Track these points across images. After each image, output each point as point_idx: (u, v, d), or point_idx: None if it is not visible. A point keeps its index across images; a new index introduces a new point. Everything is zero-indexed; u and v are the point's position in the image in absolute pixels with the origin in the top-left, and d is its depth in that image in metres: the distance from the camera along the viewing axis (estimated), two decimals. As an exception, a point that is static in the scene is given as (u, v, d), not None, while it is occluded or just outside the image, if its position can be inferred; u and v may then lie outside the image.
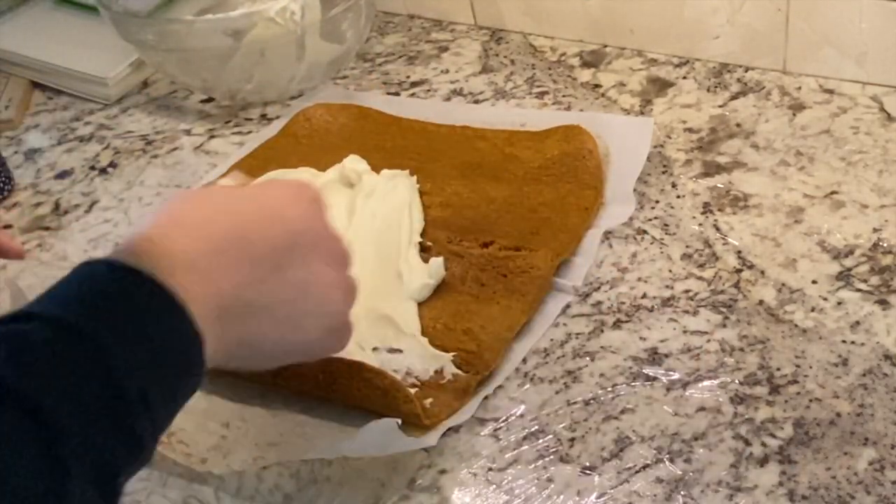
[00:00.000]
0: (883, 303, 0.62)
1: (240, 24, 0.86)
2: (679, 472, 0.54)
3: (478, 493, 0.55)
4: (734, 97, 0.83)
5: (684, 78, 0.86)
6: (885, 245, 0.66)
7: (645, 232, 0.70)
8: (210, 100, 0.95)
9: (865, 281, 0.64)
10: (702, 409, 0.57)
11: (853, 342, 0.60)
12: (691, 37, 0.87)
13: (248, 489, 0.57)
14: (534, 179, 0.75)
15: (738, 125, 0.79)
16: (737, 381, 0.58)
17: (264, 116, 0.92)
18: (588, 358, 0.62)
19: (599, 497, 0.53)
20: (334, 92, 0.92)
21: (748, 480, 0.53)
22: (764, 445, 0.55)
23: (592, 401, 0.59)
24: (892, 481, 0.52)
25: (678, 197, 0.73)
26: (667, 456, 0.55)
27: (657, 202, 0.73)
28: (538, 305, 0.65)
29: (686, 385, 0.59)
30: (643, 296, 0.65)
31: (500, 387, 0.61)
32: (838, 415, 0.56)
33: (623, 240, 0.70)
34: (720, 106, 0.82)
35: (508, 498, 0.54)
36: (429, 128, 0.83)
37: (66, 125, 0.96)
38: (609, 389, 0.59)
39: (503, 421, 0.59)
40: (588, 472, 0.55)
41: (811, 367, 0.59)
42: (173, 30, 0.86)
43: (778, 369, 0.59)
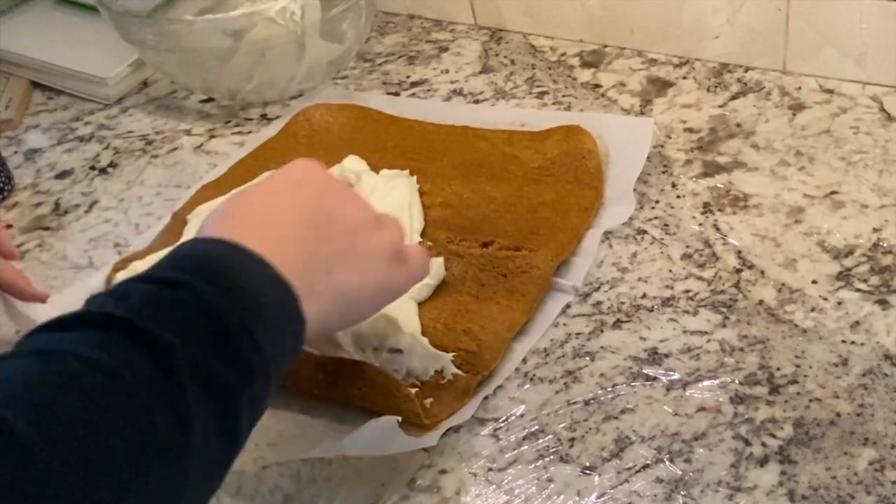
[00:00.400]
0: (883, 303, 0.62)
1: (240, 24, 0.86)
2: (679, 472, 0.54)
3: (478, 493, 0.55)
4: (734, 97, 0.83)
5: (684, 78, 0.86)
6: (885, 245, 0.66)
7: (645, 232, 0.70)
8: (210, 100, 0.95)
9: (865, 281, 0.64)
10: (702, 409, 0.57)
11: (853, 342, 0.60)
12: (691, 37, 0.87)
13: (248, 489, 0.57)
14: (534, 179, 0.75)
15: (738, 125, 0.79)
16: (737, 381, 0.58)
17: (264, 116, 0.92)
18: (588, 358, 0.62)
19: (599, 497, 0.53)
20: (334, 92, 0.92)
21: (748, 480, 0.53)
22: (764, 445, 0.55)
23: (592, 401, 0.59)
24: (892, 481, 0.52)
25: (678, 197, 0.73)
26: (667, 456, 0.55)
27: (657, 202, 0.73)
28: (538, 305, 0.65)
29: (686, 385, 0.59)
30: (643, 296, 0.65)
31: (500, 387, 0.61)
32: (838, 415, 0.56)
33: (623, 240, 0.70)
34: (720, 106, 0.82)
35: (508, 498, 0.54)
36: (429, 128, 0.83)
37: (66, 125, 0.96)
38: (609, 389, 0.59)
39: (503, 421, 0.59)
40: (588, 472, 0.55)
41: (811, 367, 0.59)
42: (173, 30, 0.86)
43: (778, 369, 0.59)
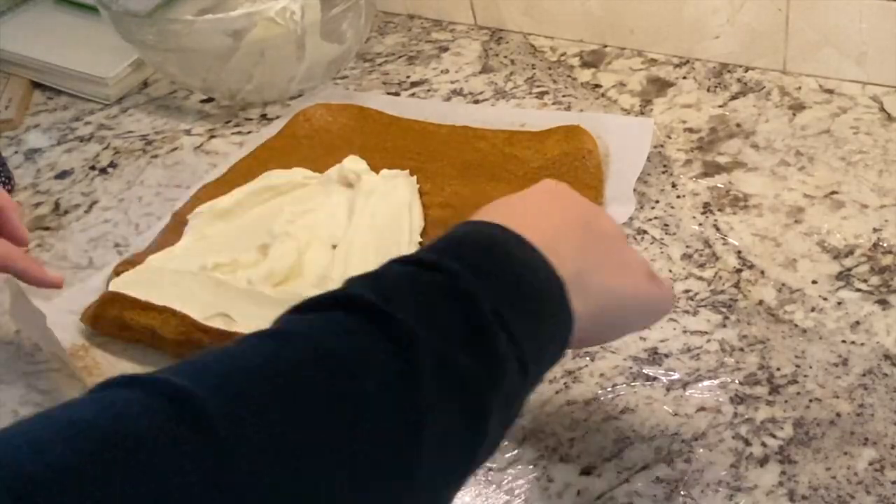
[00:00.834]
0: (883, 303, 0.62)
1: (240, 24, 0.85)
2: (679, 472, 0.54)
3: (478, 493, 0.55)
4: (734, 97, 0.83)
5: (684, 78, 0.86)
6: (885, 245, 0.66)
7: (645, 232, 0.70)
8: (210, 100, 0.95)
9: (865, 281, 0.64)
10: (702, 409, 0.57)
11: (853, 342, 0.60)
12: (691, 37, 0.87)
13: (248, 489, 0.57)
14: (534, 180, 0.74)
15: (738, 125, 0.79)
16: (737, 381, 0.58)
17: (264, 116, 0.92)
18: (588, 358, 0.62)
19: (599, 497, 0.53)
20: (334, 92, 0.92)
21: (748, 480, 0.53)
22: (764, 445, 0.55)
23: (592, 401, 0.59)
24: (892, 481, 0.52)
25: (678, 197, 0.73)
26: (667, 456, 0.55)
27: (657, 202, 0.73)
28: (538, 305, 0.65)
29: (686, 385, 0.59)
30: (643, 296, 0.65)
31: (500, 387, 0.61)
32: (838, 415, 0.56)
33: (623, 240, 0.70)
34: (720, 106, 0.82)
35: (508, 498, 0.54)
36: (429, 128, 0.83)
37: (66, 125, 0.96)
38: (609, 389, 0.59)
39: (503, 421, 0.59)
40: (588, 472, 0.55)
41: (811, 367, 0.59)
42: (173, 30, 0.86)
43: (778, 369, 0.59)
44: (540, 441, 0.57)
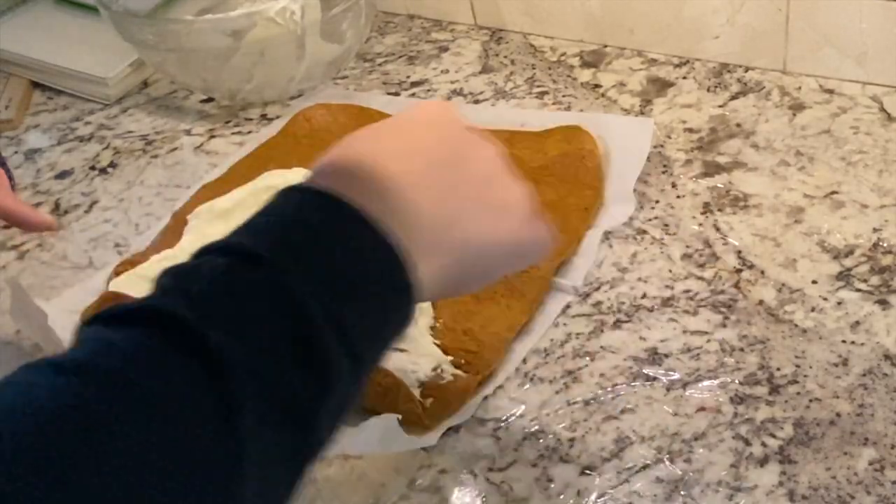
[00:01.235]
0: (883, 303, 0.62)
1: (240, 24, 0.86)
2: (679, 472, 0.54)
3: (478, 493, 0.55)
4: (734, 97, 0.83)
5: (684, 78, 0.86)
6: (885, 245, 0.66)
7: (645, 232, 0.70)
8: (210, 100, 0.95)
9: (865, 281, 0.64)
10: (702, 409, 0.57)
11: (853, 342, 0.60)
12: (691, 37, 0.87)
13: (248, 489, 0.57)
14: (534, 179, 0.74)
15: (738, 125, 0.79)
16: (737, 381, 0.58)
17: (264, 116, 0.92)
18: (588, 358, 0.62)
19: (599, 497, 0.53)
20: (334, 92, 0.92)
21: (748, 480, 0.53)
22: (764, 445, 0.55)
23: (592, 401, 0.59)
24: (892, 481, 0.52)
25: (678, 197, 0.73)
26: (667, 456, 0.55)
27: (657, 202, 0.73)
28: (538, 305, 0.65)
29: (686, 385, 0.59)
30: (643, 296, 0.65)
31: (500, 387, 0.61)
32: (838, 415, 0.56)
33: (623, 240, 0.70)
34: (720, 106, 0.82)
35: (508, 498, 0.54)
36: (429, 128, 0.83)
37: (66, 125, 0.96)
38: (609, 389, 0.59)
39: (503, 421, 0.59)
40: (588, 472, 0.55)
41: (811, 367, 0.59)
42: (173, 30, 0.86)
43: (778, 369, 0.59)
44: (540, 441, 0.57)
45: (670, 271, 0.67)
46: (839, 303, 0.62)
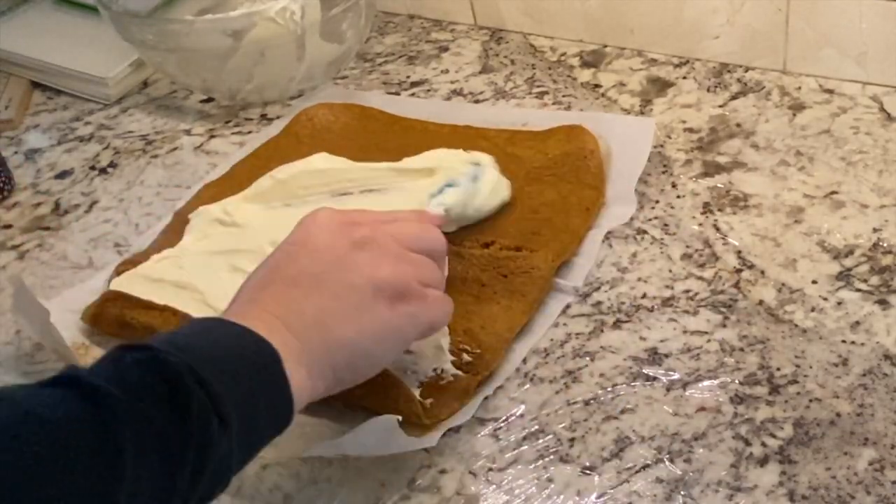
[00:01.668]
0: (883, 303, 0.62)
1: (240, 24, 0.85)
2: (679, 472, 0.54)
3: (478, 493, 0.55)
4: (734, 97, 0.83)
5: (684, 78, 0.86)
6: (885, 245, 0.66)
7: (645, 232, 0.70)
8: (210, 100, 0.95)
9: (865, 281, 0.64)
10: (702, 409, 0.57)
11: (853, 342, 0.60)
12: (691, 37, 0.87)
13: (248, 489, 0.57)
14: (535, 179, 0.75)
15: (738, 125, 0.79)
16: (737, 381, 0.58)
17: (264, 116, 0.92)
18: (588, 358, 0.62)
19: (599, 497, 0.53)
20: (334, 92, 0.92)
21: (748, 480, 0.53)
22: (764, 445, 0.55)
23: (592, 401, 0.59)
24: (892, 481, 0.52)
25: (678, 197, 0.73)
26: (667, 456, 0.55)
27: (657, 202, 0.73)
28: (539, 306, 0.65)
29: (686, 385, 0.59)
30: (643, 296, 0.65)
31: (501, 387, 0.61)
32: (838, 415, 0.56)
33: (623, 240, 0.70)
34: (720, 106, 0.82)
35: (508, 498, 0.54)
36: (430, 127, 0.83)
37: (66, 125, 0.96)
38: (609, 389, 0.59)
39: (503, 421, 0.59)
40: (588, 472, 0.55)
41: (811, 367, 0.59)
42: (173, 30, 0.86)
43: (778, 369, 0.59)
44: (540, 441, 0.57)
45: (670, 271, 0.67)
46: (839, 303, 0.62)
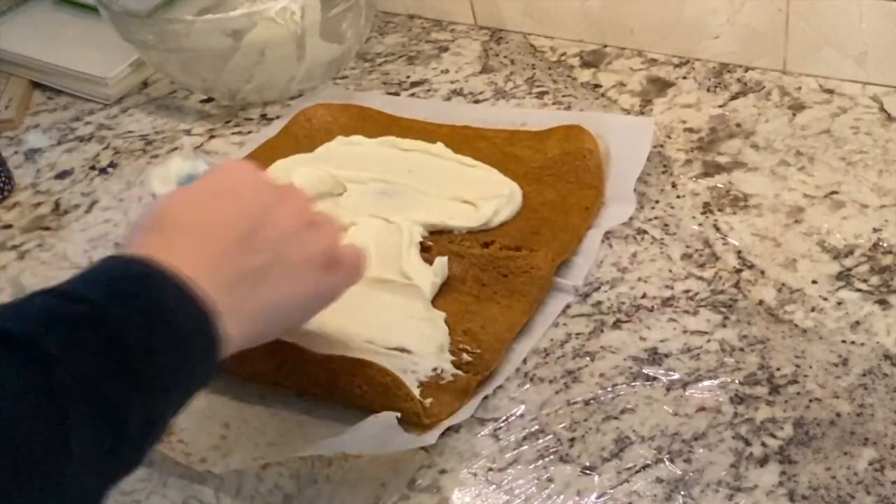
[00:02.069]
0: (883, 303, 0.62)
1: (240, 24, 0.85)
2: (679, 472, 0.54)
3: (478, 493, 0.55)
4: (734, 97, 0.83)
5: (684, 78, 0.86)
6: (885, 245, 0.66)
7: (645, 232, 0.70)
8: (210, 100, 0.95)
9: (865, 281, 0.64)
10: (702, 409, 0.57)
11: (853, 342, 0.60)
12: (691, 37, 0.87)
13: (248, 489, 0.57)
14: (534, 179, 0.75)
15: (738, 125, 0.79)
16: (737, 381, 0.58)
17: (264, 116, 0.92)
18: (588, 358, 0.62)
19: (599, 497, 0.53)
20: (334, 92, 0.92)
21: (748, 480, 0.53)
22: (764, 445, 0.55)
23: (592, 401, 0.59)
24: (892, 481, 0.52)
25: (678, 197, 0.73)
26: (667, 456, 0.55)
27: (657, 202, 0.73)
28: (538, 305, 0.65)
29: (686, 385, 0.59)
30: (643, 296, 0.65)
31: (500, 387, 0.61)
32: (838, 415, 0.56)
33: (623, 240, 0.70)
34: (720, 106, 0.82)
35: (508, 498, 0.54)
36: (429, 127, 0.83)
37: (66, 125, 0.96)
38: (609, 389, 0.59)
39: (503, 421, 0.59)
40: (588, 472, 0.55)
41: (811, 367, 0.59)
42: (173, 30, 0.86)
43: (778, 369, 0.59)
44: (540, 441, 0.57)
45: (670, 271, 0.67)
46: (839, 303, 0.62)
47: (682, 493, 0.53)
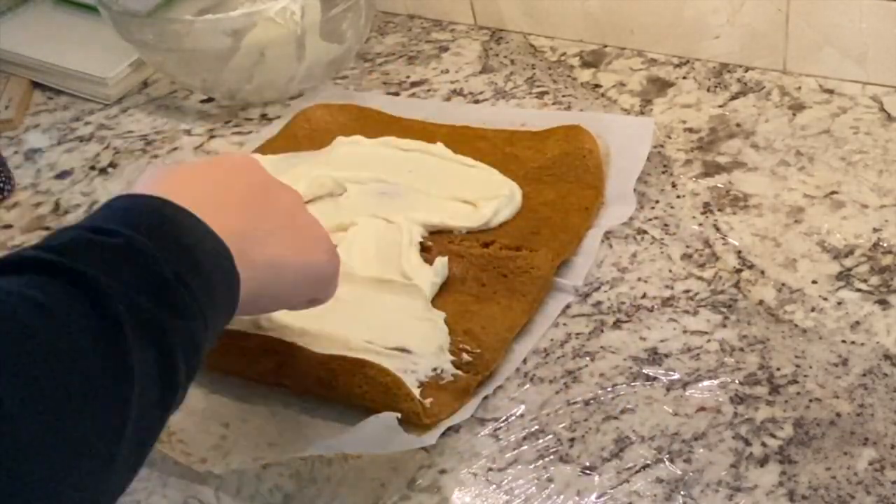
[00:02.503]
0: (883, 303, 0.62)
1: (240, 24, 0.85)
2: (679, 472, 0.54)
3: (478, 493, 0.55)
4: (734, 97, 0.83)
5: (684, 78, 0.86)
6: (885, 245, 0.66)
7: (645, 232, 0.70)
8: (210, 100, 0.95)
9: (865, 281, 0.64)
10: (702, 409, 0.57)
11: (853, 342, 0.60)
12: (691, 37, 0.87)
13: (248, 489, 0.57)
14: (534, 179, 0.75)
15: (738, 125, 0.79)
16: (737, 381, 0.58)
17: (264, 116, 0.92)
18: (588, 358, 0.62)
19: (599, 497, 0.53)
20: (334, 92, 0.92)
21: (748, 480, 0.53)
22: (764, 445, 0.55)
23: (592, 401, 0.59)
24: (892, 481, 0.52)
25: (678, 197, 0.73)
26: (667, 456, 0.55)
27: (657, 202, 0.73)
28: (538, 305, 0.65)
29: (686, 385, 0.59)
30: (643, 296, 0.65)
31: (500, 387, 0.61)
32: (838, 415, 0.56)
33: (623, 240, 0.70)
34: (720, 106, 0.82)
35: (508, 498, 0.54)
36: (429, 127, 0.83)
37: (66, 125, 0.96)
38: (609, 389, 0.59)
39: (503, 421, 0.59)
40: (588, 472, 0.55)
41: (811, 367, 0.59)
42: (173, 30, 0.86)
43: (778, 369, 0.59)
44: (540, 441, 0.57)
45: (670, 271, 0.67)
46: (839, 303, 0.62)
47: (682, 493, 0.53)
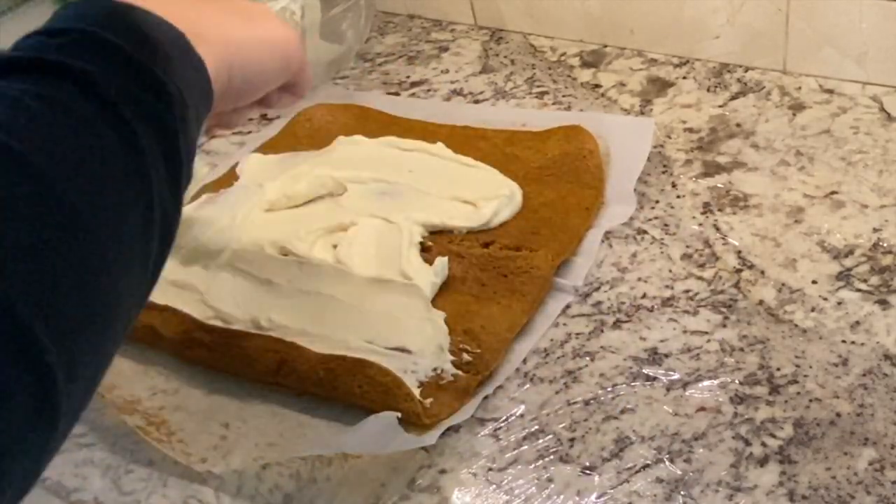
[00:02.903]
0: (883, 303, 0.62)
1: (240, 24, 0.85)
2: (679, 472, 0.54)
3: (478, 493, 0.55)
4: (734, 97, 0.83)
5: (684, 78, 0.86)
6: (885, 245, 0.66)
7: (645, 232, 0.70)
8: (210, 100, 0.95)
9: (865, 281, 0.64)
10: (702, 409, 0.57)
11: (853, 342, 0.60)
12: (691, 37, 0.87)
13: (248, 489, 0.57)
14: (534, 179, 0.75)
15: (738, 125, 0.79)
16: (737, 381, 0.58)
17: (264, 116, 0.92)
18: (588, 358, 0.62)
19: (599, 497, 0.53)
20: (334, 92, 0.92)
21: (748, 480, 0.53)
22: (764, 445, 0.55)
23: (592, 401, 0.59)
24: (892, 481, 0.52)
25: (678, 197, 0.73)
26: (667, 456, 0.55)
27: (657, 202, 0.73)
28: (538, 305, 0.65)
29: (686, 385, 0.59)
30: (643, 296, 0.65)
31: (500, 387, 0.61)
32: (838, 415, 0.56)
33: (623, 240, 0.70)
34: (720, 106, 0.82)
35: (508, 498, 0.54)
36: (429, 127, 0.83)
37: (67, 125, 0.96)
38: (609, 389, 0.59)
39: (503, 421, 0.59)
40: (588, 472, 0.55)
41: (811, 367, 0.59)
42: (173, 30, 0.86)
43: (778, 369, 0.59)
44: (540, 441, 0.57)
45: (670, 271, 0.67)
46: (839, 303, 0.62)
47: (682, 493, 0.53)
